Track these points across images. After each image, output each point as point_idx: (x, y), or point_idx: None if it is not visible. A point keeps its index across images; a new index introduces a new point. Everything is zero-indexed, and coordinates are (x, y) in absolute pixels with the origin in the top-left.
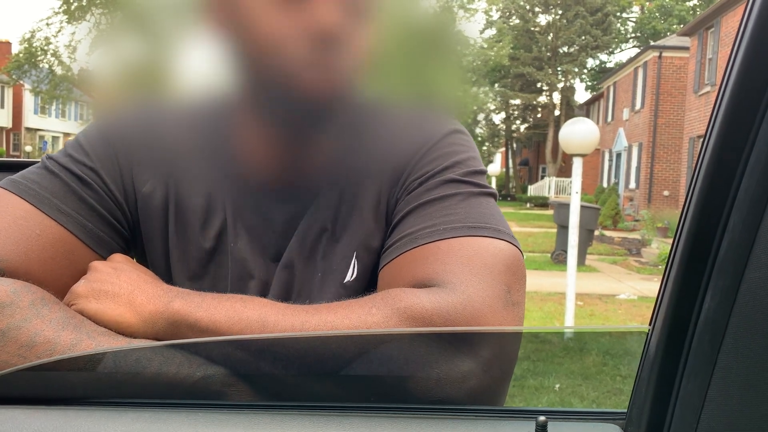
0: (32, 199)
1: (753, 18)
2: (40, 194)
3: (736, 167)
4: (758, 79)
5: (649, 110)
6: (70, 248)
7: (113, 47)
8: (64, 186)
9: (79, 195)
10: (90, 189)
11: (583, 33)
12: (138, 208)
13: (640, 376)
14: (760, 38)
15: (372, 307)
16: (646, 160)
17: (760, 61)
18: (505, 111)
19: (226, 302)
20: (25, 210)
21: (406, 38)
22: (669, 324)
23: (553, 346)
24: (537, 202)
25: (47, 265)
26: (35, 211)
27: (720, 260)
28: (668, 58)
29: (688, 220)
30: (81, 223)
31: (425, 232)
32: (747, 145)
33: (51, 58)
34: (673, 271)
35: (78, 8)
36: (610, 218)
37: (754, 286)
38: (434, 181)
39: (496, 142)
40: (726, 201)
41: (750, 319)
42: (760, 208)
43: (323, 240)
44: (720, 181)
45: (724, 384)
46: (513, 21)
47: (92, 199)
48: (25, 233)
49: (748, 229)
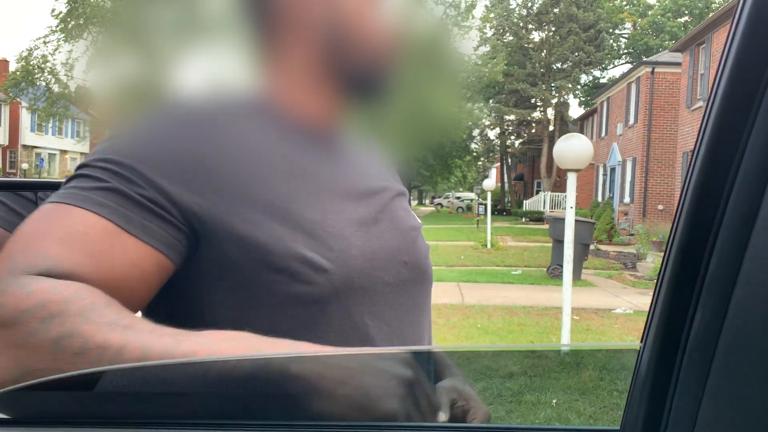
0: (106, 213)
1: (739, 34)
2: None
3: (724, 185)
4: (744, 96)
5: (642, 125)
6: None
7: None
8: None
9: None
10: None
11: (576, 49)
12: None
13: (632, 394)
14: (746, 54)
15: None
16: (640, 174)
17: (745, 78)
18: (499, 126)
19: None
20: (100, 223)
21: (403, 55)
22: (660, 341)
23: (549, 361)
24: (532, 216)
25: (109, 268)
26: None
27: (709, 278)
28: (661, 73)
29: (678, 237)
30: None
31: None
32: (734, 162)
33: (48, 75)
34: (664, 288)
35: (75, 27)
36: (606, 232)
37: (743, 303)
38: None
39: (491, 157)
40: (715, 218)
41: (739, 336)
42: (748, 226)
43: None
44: (708, 198)
45: (715, 402)
46: (507, 38)
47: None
48: (91, 241)
49: (736, 246)
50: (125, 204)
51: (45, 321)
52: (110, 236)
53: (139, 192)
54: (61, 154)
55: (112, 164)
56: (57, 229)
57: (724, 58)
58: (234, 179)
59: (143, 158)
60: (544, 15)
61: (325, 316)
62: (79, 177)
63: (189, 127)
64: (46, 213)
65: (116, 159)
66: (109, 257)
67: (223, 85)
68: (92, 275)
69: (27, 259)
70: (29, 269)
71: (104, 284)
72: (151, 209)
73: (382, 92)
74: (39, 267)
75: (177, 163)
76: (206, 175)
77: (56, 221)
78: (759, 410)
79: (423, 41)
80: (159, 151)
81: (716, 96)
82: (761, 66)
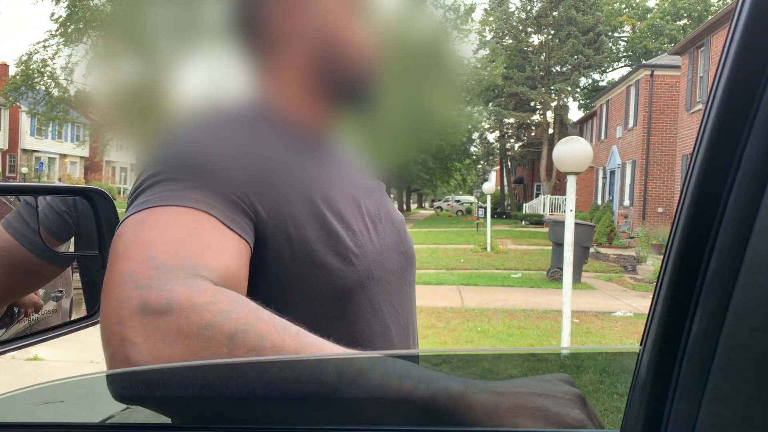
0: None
1: (737, 36)
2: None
3: (723, 188)
4: (743, 99)
5: (641, 128)
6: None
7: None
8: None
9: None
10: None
11: (576, 52)
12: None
13: (632, 396)
14: (744, 57)
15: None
16: (640, 177)
17: (744, 80)
18: (499, 130)
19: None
20: (210, 222)
21: (402, 58)
22: (659, 345)
23: (550, 364)
24: (532, 219)
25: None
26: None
27: (708, 281)
28: (660, 76)
29: (677, 240)
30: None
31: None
32: (733, 166)
33: (48, 80)
34: (663, 291)
35: (75, 31)
36: (605, 235)
37: (742, 307)
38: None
39: (491, 160)
40: (714, 222)
41: (739, 339)
42: (747, 229)
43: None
44: (707, 201)
45: (715, 405)
46: (506, 41)
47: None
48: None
49: (736, 249)
50: (216, 200)
51: (219, 314)
52: (217, 230)
53: (221, 190)
54: (61, 158)
55: (186, 166)
56: (176, 230)
57: (722, 60)
58: (282, 181)
59: (210, 161)
60: (543, 18)
61: (352, 306)
62: (160, 182)
63: (237, 133)
64: (154, 216)
65: (187, 162)
66: (222, 251)
67: (220, 92)
68: (217, 270)
69: (168, 260)
70: (178, 270)
71: (226, 278)
72: (236, 203)
73: (369, 101)
74: (186, 267)
75: (239, 165)
76: (263, 177)
77: (170, 222)
78: (758, 413)
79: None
80: (220, 155)
81: (715, 99)
82: (760, 68)
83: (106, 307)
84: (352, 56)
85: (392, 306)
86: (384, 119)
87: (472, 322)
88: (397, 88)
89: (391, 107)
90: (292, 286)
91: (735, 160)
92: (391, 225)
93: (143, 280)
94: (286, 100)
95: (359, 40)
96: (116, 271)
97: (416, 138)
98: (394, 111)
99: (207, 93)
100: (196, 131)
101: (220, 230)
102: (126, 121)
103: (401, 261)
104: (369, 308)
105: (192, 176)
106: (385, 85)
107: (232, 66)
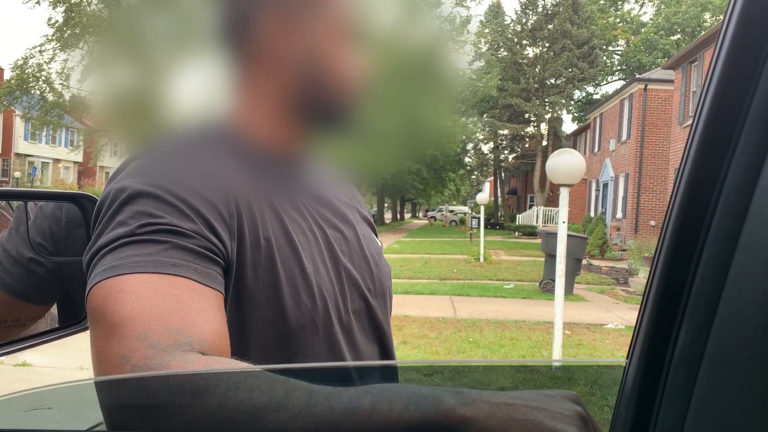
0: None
1: (725, 50)
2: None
3: (709, 202)
4: (728, 114)
5: (635, 141)
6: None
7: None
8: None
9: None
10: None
11: (570, 65)
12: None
13: (618, 410)
14: (730, 73)
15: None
16: (633, 190)
17: (729, 98)
18: (493, 141)
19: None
20: (198, 288)
21: (397, 70)
22: (645, 358)
23: (541, 375)
24: (525, 230)
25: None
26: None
27: (694, 295)
28: (653, 90)
29: (663, 254)
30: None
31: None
32: (719, 180)
33: (43, 84)
34: (649, 305)
35: (71, 36)
36: (598, 248)
37: (727, 321)
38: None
39: (484, 171)
40: (699, 236)
41: (723, 354)
42: (732, 244)
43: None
44: (693, 216)
45: (700, 418)
46: (501, 53)
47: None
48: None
49: (721, 264)
50: (187, 258)
51: (231, 389)
52: (195, 292)
53: (188, 243)
54: (54, 163)
55: (150, 214)
56: (160, 299)
57: (708, 76)
58: (242, 221)
59: (175, 205)
60: (539, 31)
61: (306, 347)
62: (128, 245)
63: (200, 167)
64: (133, 286)
65: (150, 213)
66: (206, 315)
67: (203, 102)
68: (208, 340)
69: (162, 337)
70: (173, 348)
71: (214, 342)
72: (204, 255)
73: (347, 125)
74: (180, 344)
75: (203, 206)
76: (225, 217)
77: (151, 292)
78: (743, 426)
79: (418, 55)
80: (183, 199)
81: (701, 114)
82: (745, 84)
83: (103, 390)
84: (335, 83)
85: (353, 346)
86: (378, 129)
87: (464, 332)
88: (392, 97)
89: (386, 116)
90: (245, 323)
91: (720, 175)
92: (361, 260)
93: (140, 360)
94: (261, 118)
95: (346, 67)
96: (110, 351)
97: (411, 147)
98: (389, 120)
99: (197, 101)
100: (158, 168)
101: (198, 290)
102: (120, 127)
103: (368, 299)
104: (325, 348)
105: (157, 233)
106: (379, 94)
107: (216, 75)
